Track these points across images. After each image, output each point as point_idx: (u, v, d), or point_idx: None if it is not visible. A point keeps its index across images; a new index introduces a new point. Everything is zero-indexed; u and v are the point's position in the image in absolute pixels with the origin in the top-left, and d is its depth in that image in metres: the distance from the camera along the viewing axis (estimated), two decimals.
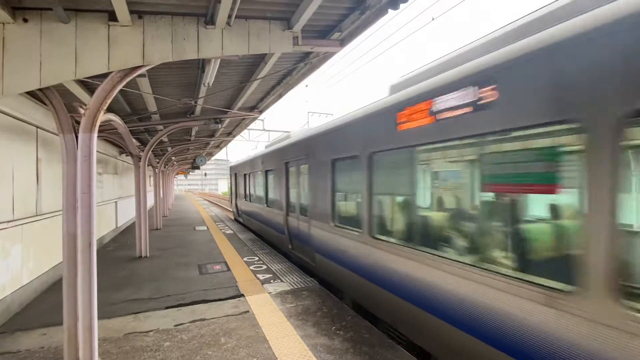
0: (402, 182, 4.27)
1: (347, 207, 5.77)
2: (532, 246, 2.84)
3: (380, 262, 4.47)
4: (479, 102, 3.00)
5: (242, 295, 5.87)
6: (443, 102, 3.40)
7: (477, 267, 3.06)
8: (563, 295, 2.35)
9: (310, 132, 7.24)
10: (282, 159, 8.68)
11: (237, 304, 5.46)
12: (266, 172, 10.54)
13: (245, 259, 8.58)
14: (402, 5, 3.78)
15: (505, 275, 2.79)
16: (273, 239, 10.18)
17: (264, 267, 7.72)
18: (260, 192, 11.65)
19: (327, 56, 5.18)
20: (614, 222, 2.07)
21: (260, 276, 6.96)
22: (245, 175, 14.21)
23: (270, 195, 10.19)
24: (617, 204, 2.07)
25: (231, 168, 18.01)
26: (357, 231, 5.07)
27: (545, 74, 2.50)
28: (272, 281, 6.61)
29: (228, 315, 5.02)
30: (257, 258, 8.63)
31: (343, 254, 5.53)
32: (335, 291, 6.05)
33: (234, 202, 17.65)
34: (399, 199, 4.47)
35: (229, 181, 19.97)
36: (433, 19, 8.17)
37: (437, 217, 3.87)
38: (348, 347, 4.01)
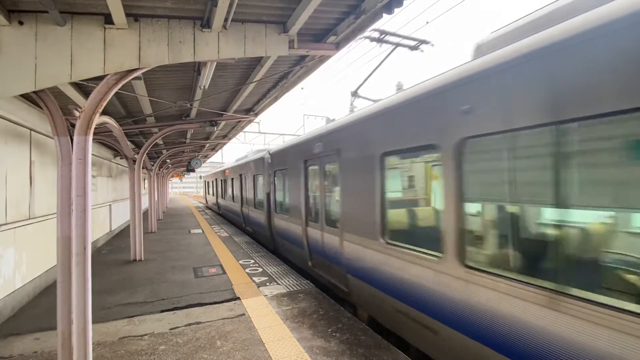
0: (225, 187, 18.99)
1: (220, 193, 21.36)
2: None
3: (226, 205, 18.95)
4: (227, 175, 18.14)
5: (238, 298, 5.86)
6: (230, 171, 17.25)
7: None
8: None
9: (221, 169, 21.22)
10: (217, 178, 21.99)
11: (233, 307, 5.44)
12: (212, 182, 24.88)
13: (241, 261, 8.55)
14: (396, 10, 3.84)
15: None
16: (214, 209, 25.23)
17: (260, 269, 7.70)
18: (212, 191, 25.94)
19: (322, 59, 5.22)
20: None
21: (256, 279, 6.94)
22: (208, 182, 29.56)
23: (214, 192, 24.19)
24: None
25: (204, 177, 34.06)
26: (230, 200, 17.64)
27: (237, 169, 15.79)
28: (268, 284, 6.60)
29: (224, 319, 5.01)
30: (252, 261, 8.61)
31: (224, 208, 19.89)
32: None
33: (204, 196, 34.98)
34: (225, 190, 19.24)
35: (204, 186, 36.38)
36: (427, 23, 8.26)
37: (234, 196, 16.40)
38: (344, 349, 4.02)
